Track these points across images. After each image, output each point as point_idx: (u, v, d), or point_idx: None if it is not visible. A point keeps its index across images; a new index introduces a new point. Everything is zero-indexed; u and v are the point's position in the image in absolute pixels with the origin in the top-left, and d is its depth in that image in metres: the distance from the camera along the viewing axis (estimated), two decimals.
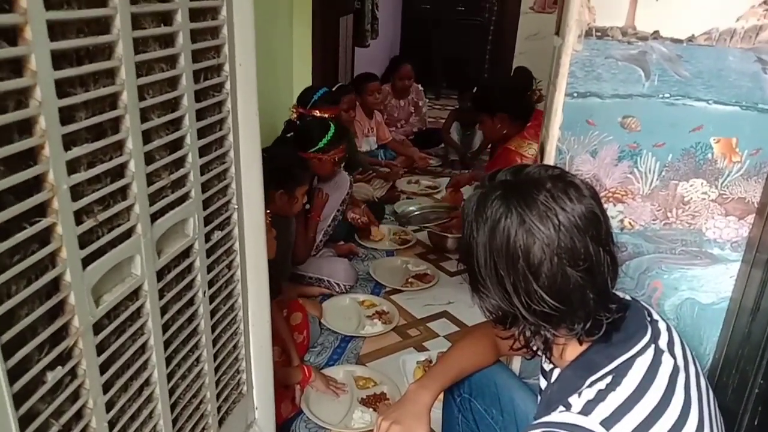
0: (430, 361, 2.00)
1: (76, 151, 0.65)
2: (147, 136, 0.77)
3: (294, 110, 2.76)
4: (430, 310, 2.43)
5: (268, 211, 1.79)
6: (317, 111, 2.73)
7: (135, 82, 0.73)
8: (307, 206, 2.38)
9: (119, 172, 0.73)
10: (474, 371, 1.21)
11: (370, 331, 2.23)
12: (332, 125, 2.50)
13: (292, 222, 2.26)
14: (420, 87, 4.51)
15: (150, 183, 0.79)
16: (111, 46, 0.69)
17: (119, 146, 0.73)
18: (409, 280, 2.62)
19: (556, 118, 1.19)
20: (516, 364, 1.45)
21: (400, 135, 4.26)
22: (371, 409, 1.80)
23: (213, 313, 0.99)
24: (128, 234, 0.76)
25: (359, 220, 2.83)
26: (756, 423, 1.12)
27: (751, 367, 1.16)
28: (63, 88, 0.62)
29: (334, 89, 3.27)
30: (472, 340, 1.23)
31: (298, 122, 2.66)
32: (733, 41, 1.12)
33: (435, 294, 2.54)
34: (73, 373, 0.68)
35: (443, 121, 4.56)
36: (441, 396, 1.22)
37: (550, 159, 1.22)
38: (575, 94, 1.18)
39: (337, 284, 2.43)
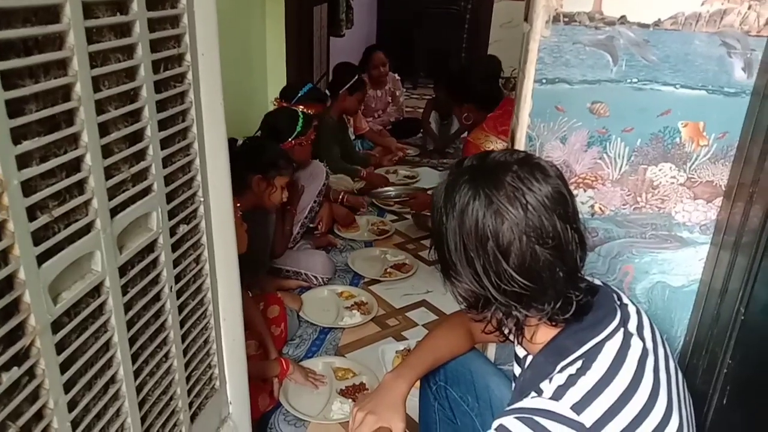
0: (409, 350, 2.00)
1: (27, 145, 0.62)
2: (104, 129, 0.75)
3: (277, 104, 2.76)
4: (408, 299, 2.43)
5: (238, 205, 1.78)
6: (302, 106, 2.70)
7: (89, 73, 0.71)
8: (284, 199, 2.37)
9: (75, 165, 0.71)
10: (449, 359, 1.21)
11: (349, 322, 2.23)
12: (296, 110, 2.52)
13: (271, 216, 2.24)
14: (397, 76, 4.49)
15: (109, 176, 0.76)
16: (62, 35, 0.66)
17: (74, 139, 0.70)
18: (388, 270, 2.62)
19: (525, 105, 1.19)
20: (491, 351, 1.46)
21: (378, 125, 4.24)
22: (350, 400, 1.80)
23: (181, 308, 0.98)
24: (87, 229, 0.74)
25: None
26: (725, 402, 1.14)
27: (720, 348, 1.17)
28: (10, 79, 0.60)
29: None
30: (447, 328, 1.23)
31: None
32: (698, 25, 1.13)
33: (414, 283, 2.55)
34: (31, 373, 0.66)
35: (421, 110, 4.55)
36: (418, 384, 1.23)
37: (520, 145, 1.22)
38: (544, 81, 1.18)
39: (315, 277, 2.43)
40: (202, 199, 1.00)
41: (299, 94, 2.77)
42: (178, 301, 0.96)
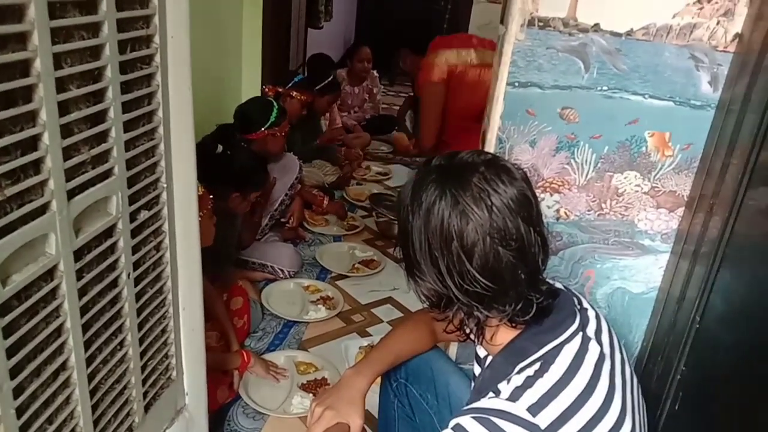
0: (372, 346, 2.00)
1: None
2: (64, 107, 0.73)
3: (269, 90, 2.78)
4: (375, 296, 2.43)
5: (211, 197, 1.75)
6: (295, 92, 2.85)
7: (50, 49, 0.68)
8: None
9: (32, 144, 0.69)
10: (411, 357, 1.22)
11: (314, 316, 2.22)
12: (270, 100, 2.52)
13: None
14: (375, 73, 4.48)
15: (67, 157, 0.74)
16: (21, 8, 0.64)
17: (32, 117, 0.68)
18: (356, 265, 2.62)
19: (497, 107, 1.20)
20: (453, 350, 1.46)
21: (352, 120, 4.22)
22: (311, 395, 1.79)
23: (139, 295, 0.95)
24: (42, 210, 0.71)
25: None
26: (677, 407, 1.17)
27: (675, 354, 1.20)
28: None
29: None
30: (409, 326, 1.23)
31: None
32: (669, 37, 1.15)
33: (381, 280, 2.55)
34: None
35: (397, 107, 4.55)
36: (379, 380, 1.22)
37: (491, 147, 1.23)
38: (516, 84, 1.19)
39: (281, 270, 2.41)
40: (165, 186, 0.98)
41: (294, 80, 2.90)
42: (135, 289, 0.94)
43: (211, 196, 1.75)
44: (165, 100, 0.95)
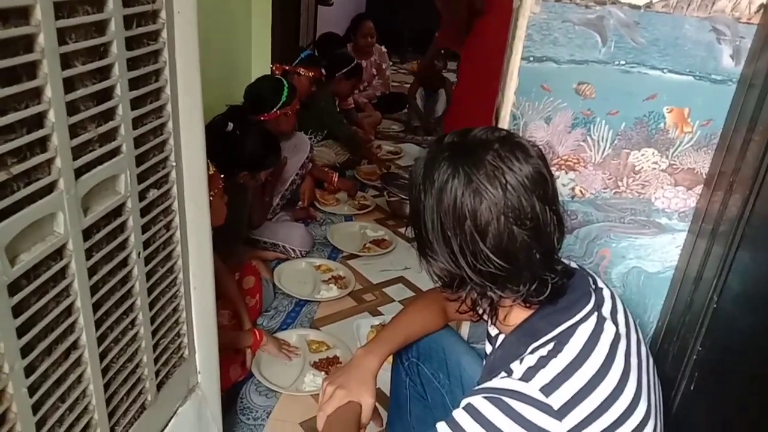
0: (384, 325, 2.00)
1: None
2: (70, 84, 0.72)
3: (276, 69, 2.78)
4: (386, 275, 2.43)
5: (222, 176, 1.75)
6: (302, 69, 2.83)
7: (54, 24, 0.67)
8: None
9: (37, 122, 0.68)
10: (422, 336, 1.21)
11: (326, 295, 2.22)
12: (280, 79, 2.52)
13: (247, 188, 2.22)
14: (383, 48, 4.42)
15: (74, 135, 0.73)
16: None
17: (36, 94, 0.67)
18: (367, 245, 2.62)
19: (511, 83, 1.17)
20: (465, 329, 1.45)
21: (363, 98, 4.18)
22: (323, 373, 1.80)
23: (149, 275, 0.95)
24: (49, 189, 0.71)
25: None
26: (692, 388, 1.15)
27: (691, 335, 1.18)
28: None
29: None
30: (421, 305, 1.23)
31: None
32: (689, 9, 1.11)
33: (392, 259, 2.54)
34: None
35: (408, 85, 4.50)
36: (390, 359, 1.22)
37: (504, 124, 1.20)
38: (531, 59, 1.16)
39: (293, 250, 2.41)
40: (174, 164, 0.97)
41: (300, 57, 2.87)
42: (146, 268, 0.94)
43: (222, 176, 1.74)
44: (173, 77, 0.94)
